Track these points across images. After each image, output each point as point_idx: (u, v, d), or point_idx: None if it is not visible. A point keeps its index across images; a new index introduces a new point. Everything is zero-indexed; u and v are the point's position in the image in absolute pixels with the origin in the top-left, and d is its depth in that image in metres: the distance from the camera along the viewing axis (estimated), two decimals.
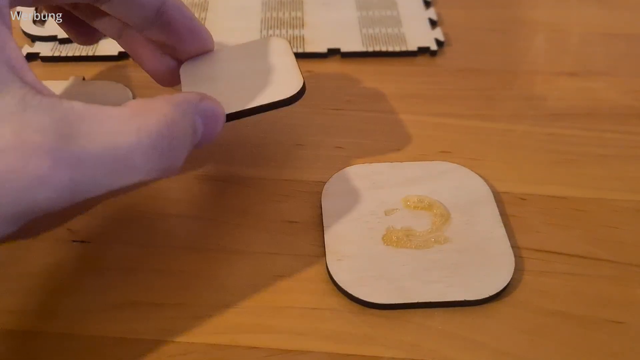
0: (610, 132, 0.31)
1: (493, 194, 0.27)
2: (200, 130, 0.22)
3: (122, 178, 0.19)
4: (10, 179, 0.16)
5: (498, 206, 0.27)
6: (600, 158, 0.30)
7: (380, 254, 0.25)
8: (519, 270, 0.25)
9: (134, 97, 0.32)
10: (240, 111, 0.24)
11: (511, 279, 0.24)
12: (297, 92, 0.25)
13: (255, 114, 0.25)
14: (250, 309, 0.24)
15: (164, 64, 0.28)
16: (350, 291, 0.24)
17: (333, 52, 0.37)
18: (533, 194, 0.28)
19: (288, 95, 0.25)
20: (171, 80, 0.28)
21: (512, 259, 0.24)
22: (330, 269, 0.24)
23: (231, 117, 0.24)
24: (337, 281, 0.24)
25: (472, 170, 0.28)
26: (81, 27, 0.28)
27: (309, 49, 0.37)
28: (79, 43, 0.29)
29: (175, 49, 0.27)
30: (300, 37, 0.38)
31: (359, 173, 0.28)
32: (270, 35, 0.28)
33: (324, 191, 0.27)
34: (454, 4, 0.41)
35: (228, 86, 0.26)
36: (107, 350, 0.22)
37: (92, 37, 0.28)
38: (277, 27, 0.39)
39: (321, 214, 0.27)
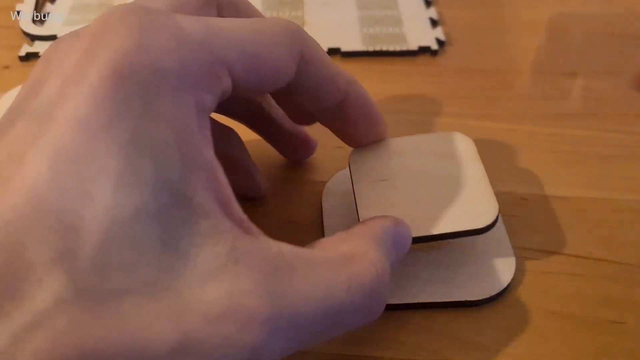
0: (612, 132, 0.31)
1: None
2: (395, 264, 0.20)
3: (324, 337, 0.17)
4: (225, 352, 0.14)
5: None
6: (602, 158, 0.30)
7: None
8: (519, 270, 0.25)
9: None
10: (427, 236, 0.21)
11: (512, 279, 0.24)
12: (492, 222, 0.21)
13: (439, 240, 0.22)
14: None
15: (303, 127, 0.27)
16: None
17: (333, 52, 0.37)
18: (534, 194, 0.28)
19: (481, 226, 0.21)
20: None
21: (513, 259, 0.24)
22: None
23: (414, 240, 0.21)
24: None
25: None
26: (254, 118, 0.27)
27: None
28: (271, 143, 0.28)
29: (346, 134, 0.25)
30: None
31: None
32: (452, 131, 0.25)
33: (324, 191, 0.27)
34: (454, 3, 0.41)
35: (408, 196, 0.23)
36: None
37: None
38: None
39: (321, 214, 0.26)
